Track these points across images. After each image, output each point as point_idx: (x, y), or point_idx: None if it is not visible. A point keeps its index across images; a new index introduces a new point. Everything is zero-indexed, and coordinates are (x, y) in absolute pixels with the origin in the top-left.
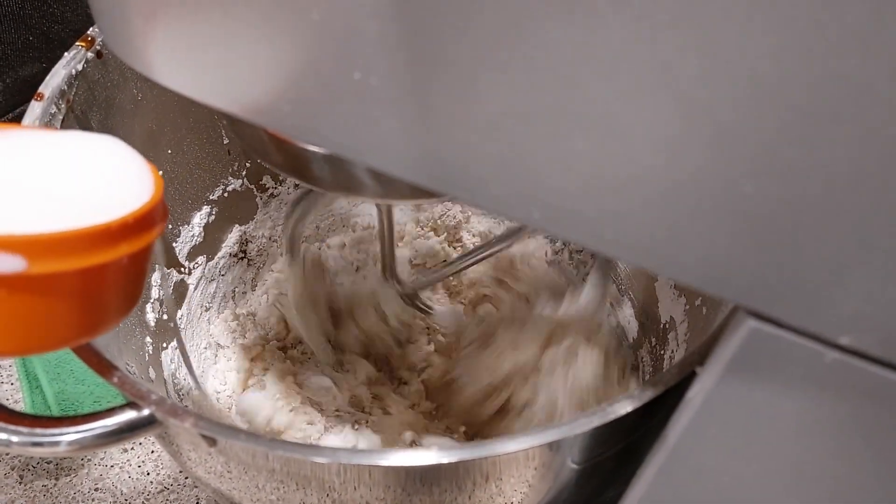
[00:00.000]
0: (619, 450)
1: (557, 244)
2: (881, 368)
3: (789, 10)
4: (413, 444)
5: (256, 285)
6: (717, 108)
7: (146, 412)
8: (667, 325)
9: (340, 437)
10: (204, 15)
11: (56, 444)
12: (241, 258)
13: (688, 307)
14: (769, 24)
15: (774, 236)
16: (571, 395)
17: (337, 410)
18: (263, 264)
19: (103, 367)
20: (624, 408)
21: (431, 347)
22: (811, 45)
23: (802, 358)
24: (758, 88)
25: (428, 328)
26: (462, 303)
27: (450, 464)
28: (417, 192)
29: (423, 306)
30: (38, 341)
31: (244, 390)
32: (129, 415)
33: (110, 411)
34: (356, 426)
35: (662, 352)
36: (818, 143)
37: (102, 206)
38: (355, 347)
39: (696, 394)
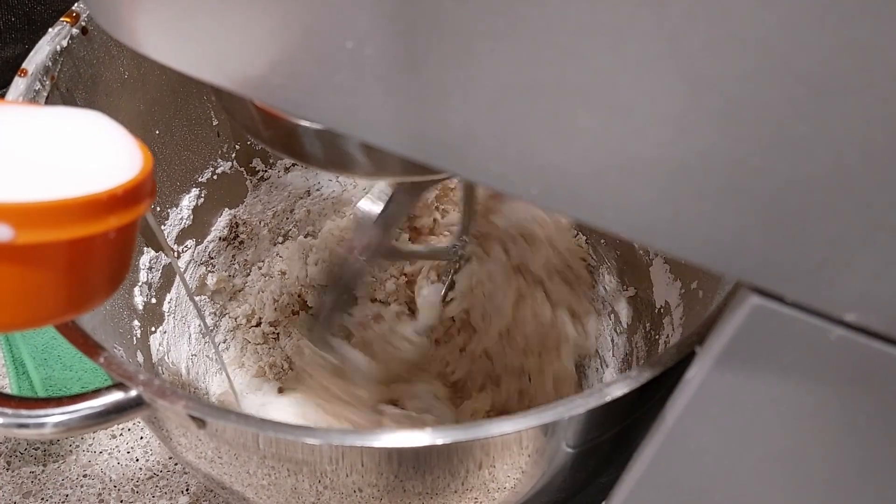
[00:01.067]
0: (615, 433)
1: None
2: (886, 345)
3: None
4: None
5: (250, 271)
6: (725, 80)
7: (133, 393)
8: (661, 310)
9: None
10: None
11: (42, 425)
12: (232, 242)
13: (683, 291)
14: None
15: (782, 214)
16: None
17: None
18: (255, 247)
19: (89, 347)
20: (621, 389)
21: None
22: (825, 14)
23: (806, 335)
24: (767, 60)
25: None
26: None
27: (443, 445)
28: (411, 169)
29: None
30: (22, 316)
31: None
32: (117, 396)
33: (97, 392)
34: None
35: (657, 336)
36: (828, 119)
37: (91, 178)
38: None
39: (696, 374)
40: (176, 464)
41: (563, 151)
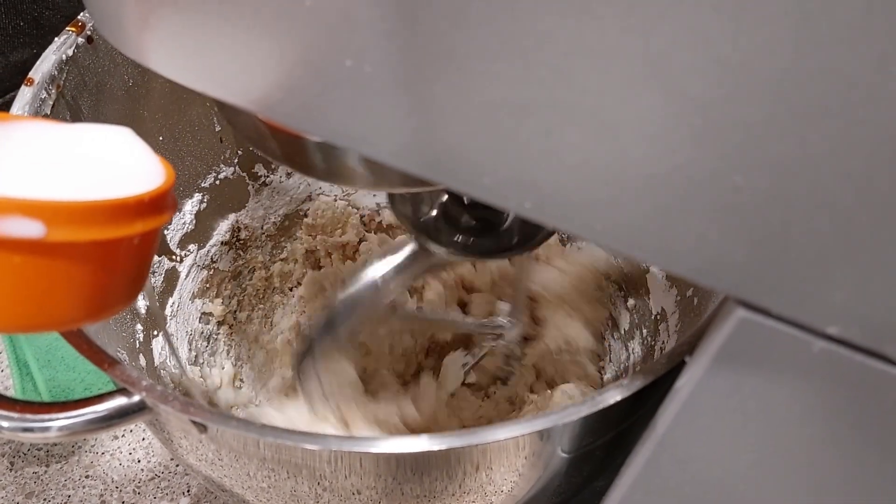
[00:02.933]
0: (609, 439)
1: None
2: (867, 357)
3: (780, 4)
4: None
5: (253, 273)
6: (705, 101)
7: (136, 398)
8: (658, 317)
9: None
10: (196, 1)
11: (46, 429)
12: (234, 245)
13: (679, 298)
14: (761, 18)
15: (763, 229)
16: None
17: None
18: (258, 252)
19: (94, 352)
20: (613, 397)
21: None
22: (801, 40)
23: (791, 347)
24: (749, 82)
25: None
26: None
27: (440, 451)
28: (409, 181)
29: None
30: (46, 316)
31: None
32: (120, 401)
33: (101, 397)
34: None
35: (653, 343)
36: (807, 137)
37: (118, 187)
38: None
39: (685, 383)
40: (177, 465)
41: (553, 167)
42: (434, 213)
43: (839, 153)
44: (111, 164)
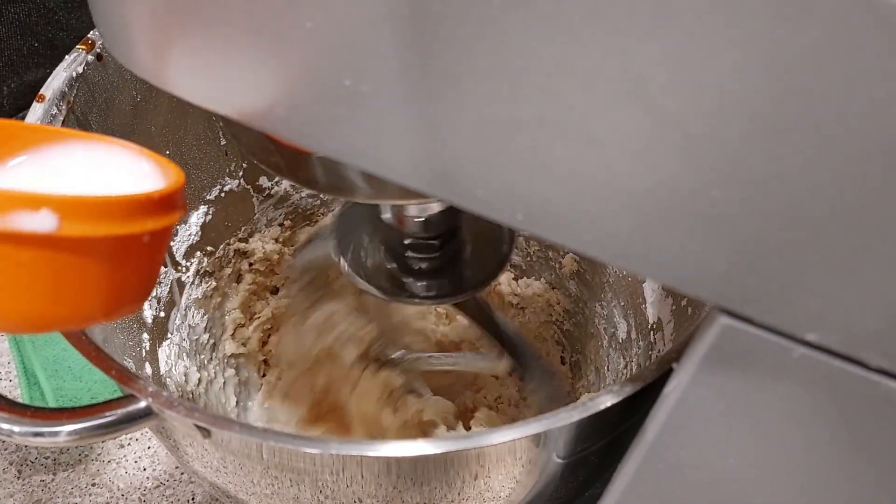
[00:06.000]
0: (604, 445)
1: None
2: (845, 363)
3: (752, 29)
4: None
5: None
6: (685, 119)
7: (143, 404)
8: (654, 326)
9: None
10: (202, 23)
11: (56, 434)
12: (239, 256)
13: (674, 307)
14: (733, 41)
15: (742, 240)
16: None
17: None
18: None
19: (102, 360)
20: (605, 402)
21: None
22: (772, 62)
23: (772, 354)
24: (723, 101)
25: None
26: None
27: (439, 455)
28: (407, 194)
29: None
30: (57, 314)
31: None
32: (127, 407)
33: (108, 403)
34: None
35: (651, 352)
36: (779, 154)
37: (128, 188)
38: None
39: (673, 389)
40: (182, 473)
41: (543, 181)
42: (383, 264)
43: (810, 168)
44: (122, 170)
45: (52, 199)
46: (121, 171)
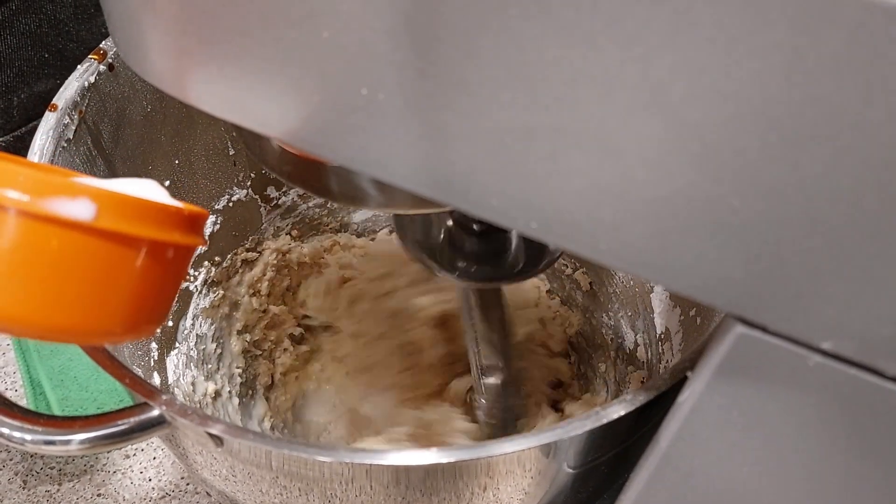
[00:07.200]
0: (614, 455)
1: None
2: (860, 371)
3: (771, 38)
4: None
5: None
6: (703, 127)
7: (156, 412)
8: (662, 336)
9: None
10: (220, 35)
11: (68, 442)
12: (247, 265)
13: (682, 317)
14: (753, 50)
15: (759, 248)
16: None
17: None
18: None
19: (115, 367)
20: (617, 412)
21: None
22: (790, 72)
23: (788, 362)
24: (742, 110)
25: None
26: None
27: (448, 464)
28: (420, 203)
29: None
30: (75, 320)
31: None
32: (140, 415)
33: (121, 412)
34: None
35: (659, 362)
36: (797, 162)
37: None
38: None
39: (687, 398)
40: (188, 483)
41: (559, 189)
42: (440, 237)
43: (828, 176)
44: (155, 194)
45: (93, 190)
46: (156, 195)
